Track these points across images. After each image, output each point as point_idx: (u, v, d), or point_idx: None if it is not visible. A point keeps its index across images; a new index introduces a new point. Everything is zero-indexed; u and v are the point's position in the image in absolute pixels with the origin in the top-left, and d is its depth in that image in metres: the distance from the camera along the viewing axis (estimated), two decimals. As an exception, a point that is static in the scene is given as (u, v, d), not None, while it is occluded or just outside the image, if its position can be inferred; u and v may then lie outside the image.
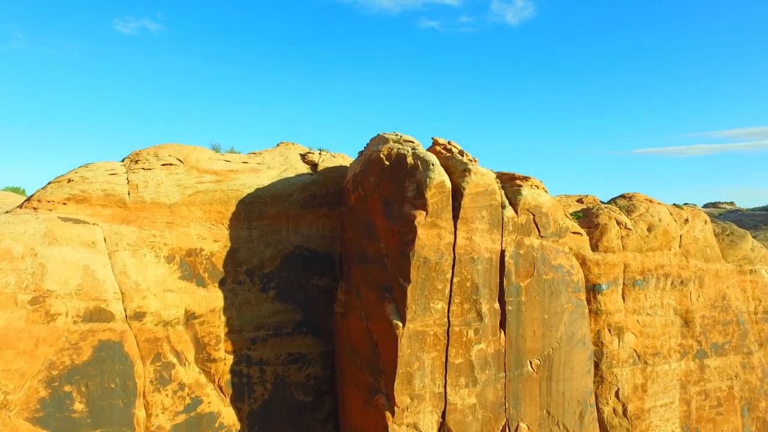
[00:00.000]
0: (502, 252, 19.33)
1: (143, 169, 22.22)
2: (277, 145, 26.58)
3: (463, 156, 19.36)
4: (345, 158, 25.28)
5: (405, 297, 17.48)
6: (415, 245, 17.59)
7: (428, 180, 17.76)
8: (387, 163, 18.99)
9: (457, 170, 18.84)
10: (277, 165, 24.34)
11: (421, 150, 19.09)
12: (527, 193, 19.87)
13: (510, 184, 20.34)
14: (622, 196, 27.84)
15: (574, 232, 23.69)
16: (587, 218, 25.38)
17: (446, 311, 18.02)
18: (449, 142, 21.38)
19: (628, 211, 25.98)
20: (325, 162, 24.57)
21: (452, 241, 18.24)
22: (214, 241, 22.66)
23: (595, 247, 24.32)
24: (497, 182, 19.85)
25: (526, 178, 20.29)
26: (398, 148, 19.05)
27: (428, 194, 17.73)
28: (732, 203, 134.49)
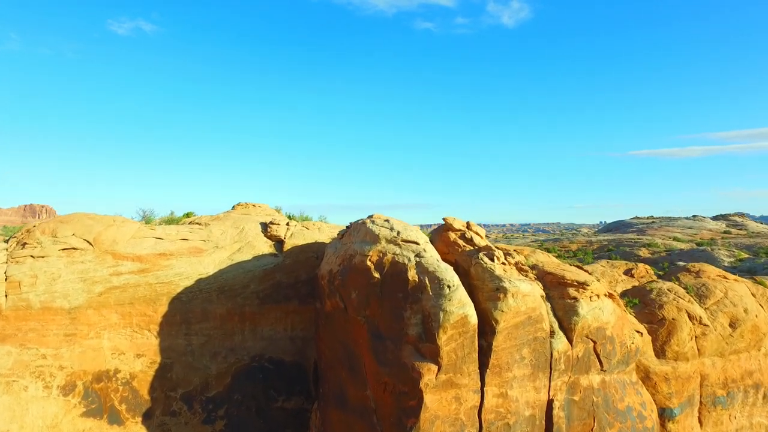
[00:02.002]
0: (550, 403, 12.70)
1: (32, 256, 15.35)
2: (233, 207, 19.71)
3: (494, 260, 12.57)
4: (322, 229, 18.43)
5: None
6: (421, 419, 10.94)
7: (443, 314, 11.01)
8: (377, 275, 12.20)
9: (485, 287, 12.10)
10: (229, 242, 17.50)
11: (431, 257, 12.21)
12: (586, 310, 13.15)
13: (558, 293, 13.62)
14: (686, 270, 21.16)
15: (636, 331, 17.09)
16: (646, 308, 18.72)
17: None
18: (468, 225, 14.62)
19: (700, 296, 19.33)
20: (295, 237, 17.73)
21: (478, 404, 11.59)
22: (137, 357, 15.95)
23: (660, 352, 17.69)
24: (543, 297, 13.12)
25: (582, 286, 13.55)
26: (394, 254, 12.23)
27: (442, 337, 11.00)
28: (743, 215, 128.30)
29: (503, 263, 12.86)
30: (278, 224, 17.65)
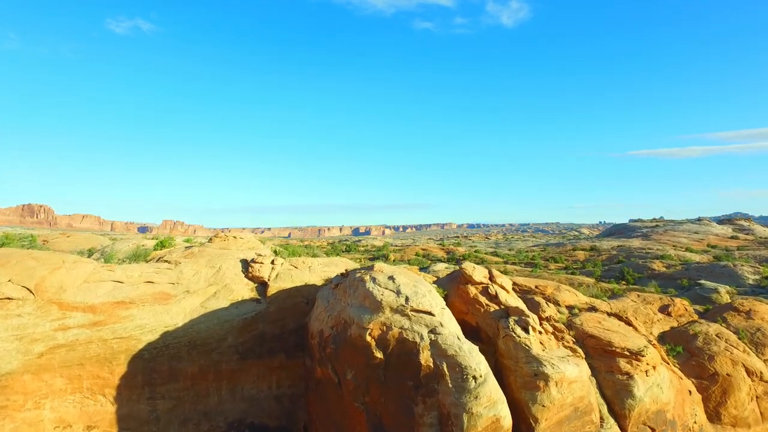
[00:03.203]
0: None
1: (-41, 309, 12.51)
2: (210, 239, 16.80)
3: (528, 330, 9.71)
4: (313, 268, 15.48)
5: None
6: None
7: (467, 417, 8.16)
8: (379, 355, 9.36)
9: (519, 371, 9.25)
10: (203, 285, 14.63)
11: (450, 334, 9.25)
12: (643, 391, 10.32)
13: (604, 365, 10.79)
14: (733, 309, 18.32)
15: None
16: (693, 359, 15.89)
17: None
18: (491, 276, 11.77)
19: (756, 344, 16.50)
20: (281, 278, 14.82)
21: None
22: (88, 429, 13.11)
23: (715, 416, 14.88)
24: (590, 376, 10.27)
25: (636, 356, 10.72)
26: (402, 328, 9.36)
27: (467, 447, 8.19)
28: (749, 219, 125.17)
29: (540, 331, 10.01)
30: (261, 263, 14.76)
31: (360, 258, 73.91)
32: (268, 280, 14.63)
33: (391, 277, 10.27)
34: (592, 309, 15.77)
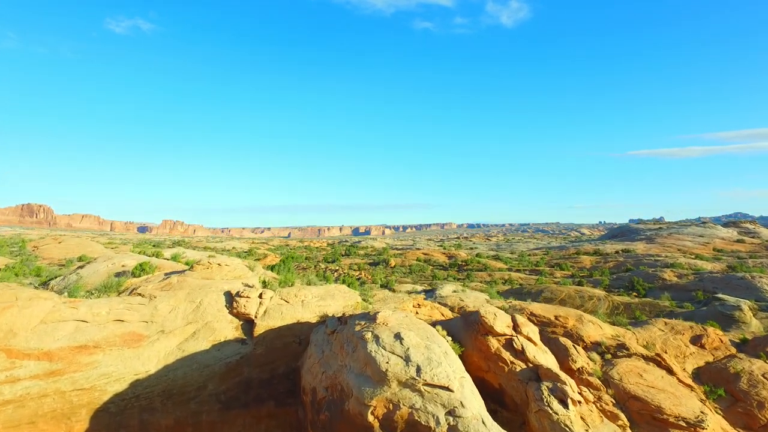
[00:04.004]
0: None
1: None
2: (191, 267, 14.82)
3: (567, 405, 7.82)
4: (306, 302, 13.50)
5: None
6: None
7: None
8: (385, 440, 7.50)
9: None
10: (180, 323, 12.73)
11: (472, 418, 7.30)
12: (705, 472, 8.46)
13: (657, 436, 8.94)
14: (775, 342, 16.42)
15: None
16: (739, 405, 13.98)
17: None
18: (515, 326, 9.88)
19: (804, 386, 14.62)
20: (270, 315, 12.88)
21: None
22: (44, 497, 11.22)
23: (764, 472, 12.99)
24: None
25: (695, 428, 8.84)
26: (412, 407, 7.42)
27: None
28: (754, 222, 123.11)
29: (578, 401, 8.11)
30: (248, 297, 12.84)
31: (359, 263, 71.68)
32: (256, 317, 12.71)
33: (397, 336, 8.37)
34: (623, 347, 13.88)
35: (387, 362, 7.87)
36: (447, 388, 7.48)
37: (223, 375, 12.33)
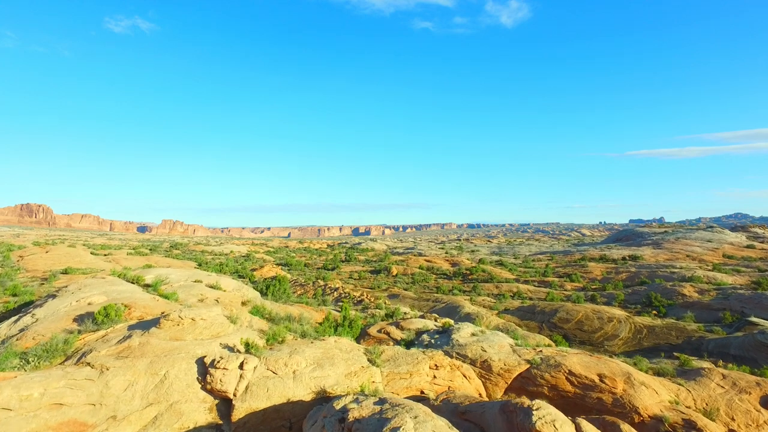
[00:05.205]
0: None
1: None
2: (159, 323, 11.99)
3: None
4: (299, 374, 10.64)
5: None
6: None
7: None
8: None
9: None
10: (137, 405, 9.95)
11: None
12: None
13: None
14: None
15: None
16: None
17: None
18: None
19: None
20: (253, 392, 10.07)
21: None
22: None
23: None
24: None
25: None
26: None
27: None
28: (763, 226, 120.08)
29: None
30: (225, 368, 10.05)
31: (360, 270, 68.18)
32: (235, 395, 9.92)
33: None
34: (691, 427, 11.13)
35: None
36: None
37: (192, 474, 9.54)
